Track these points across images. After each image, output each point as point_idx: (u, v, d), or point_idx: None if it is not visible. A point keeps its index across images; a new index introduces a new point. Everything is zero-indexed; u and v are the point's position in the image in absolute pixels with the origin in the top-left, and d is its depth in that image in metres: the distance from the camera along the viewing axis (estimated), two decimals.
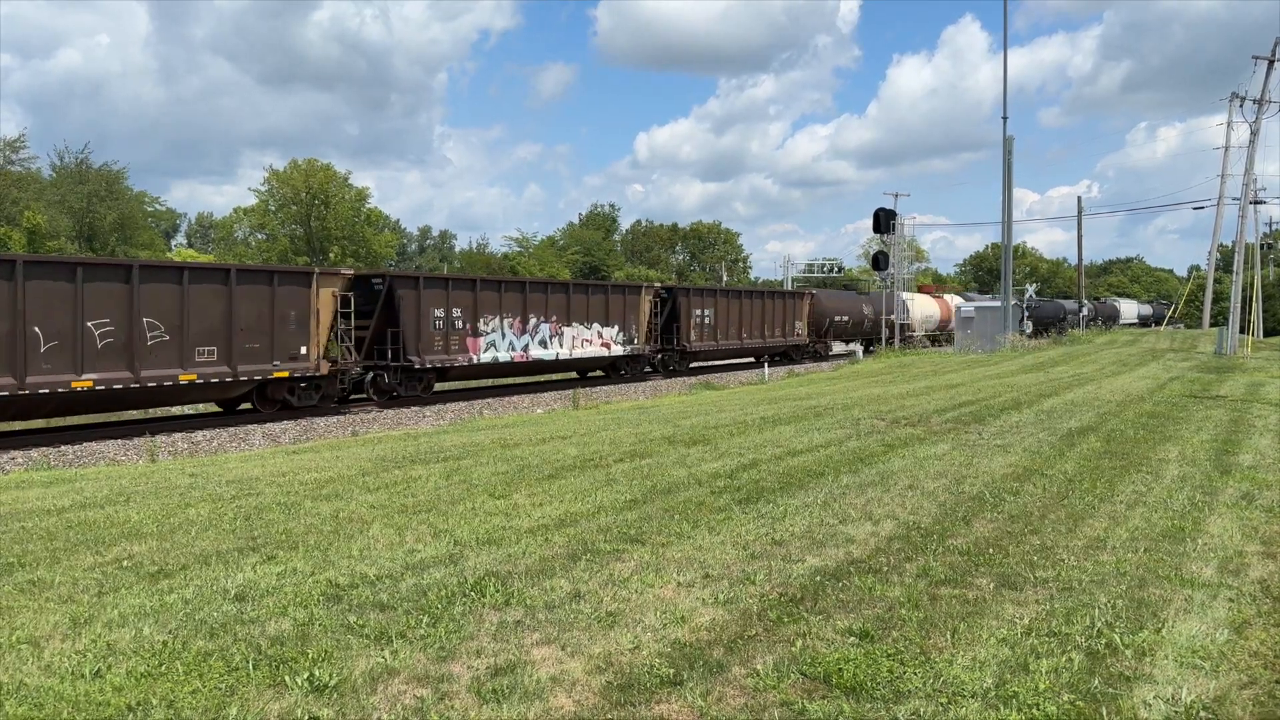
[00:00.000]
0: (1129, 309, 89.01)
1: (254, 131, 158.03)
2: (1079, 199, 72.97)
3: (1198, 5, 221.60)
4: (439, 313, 23.20)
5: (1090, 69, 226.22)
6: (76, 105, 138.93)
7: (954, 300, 58.62)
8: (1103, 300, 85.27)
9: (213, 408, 21.20)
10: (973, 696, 3.86)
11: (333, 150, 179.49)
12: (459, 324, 23.69)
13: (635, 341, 29.92)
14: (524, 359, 25.62)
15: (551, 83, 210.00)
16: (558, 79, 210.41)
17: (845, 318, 43.82)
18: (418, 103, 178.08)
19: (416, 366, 22.44)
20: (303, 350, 19.61)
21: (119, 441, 16.43)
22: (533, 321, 25.89)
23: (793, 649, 4.36)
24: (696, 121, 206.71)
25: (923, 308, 52.76)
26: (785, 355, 39.90)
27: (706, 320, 33.60)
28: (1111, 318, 76.98)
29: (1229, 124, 50.06)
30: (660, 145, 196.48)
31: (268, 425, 18.60)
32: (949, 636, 4.51)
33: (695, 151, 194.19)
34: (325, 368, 20.10)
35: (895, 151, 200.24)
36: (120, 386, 16.49)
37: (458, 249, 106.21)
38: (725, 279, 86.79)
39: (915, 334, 49.86)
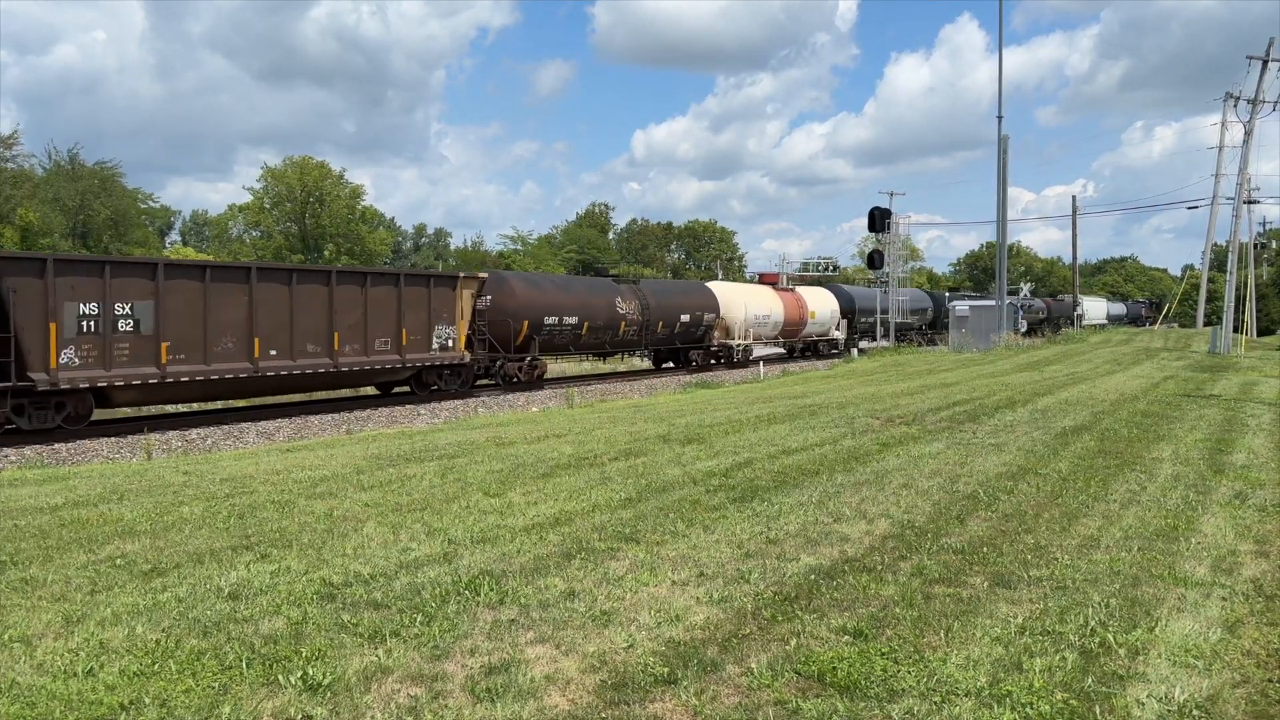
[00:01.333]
0: (1095, 308, 79.97)
1: (250, 128, 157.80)
2: (1074, 198, 72.95)
3: (1196, 4, 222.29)
4: None
5: (1088, 68, 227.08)
6: (72, 101, 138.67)
7: (817, 296, 41.60)
8: (1059, 297, 76.59)
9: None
10: (967, 695, 3.86)
11: (329, 147, 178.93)
12: None
13: None
14: None
15: (549, 80, 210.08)
16: (556, 76, 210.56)
17: (573, 319, 26.96)
18: (415, 100, 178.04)
19: None
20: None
21: (113, 439, 16.39)
22: None
23: (787, 648, 4.36)
24: (694, 119, 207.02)
25: (753, 305, 35.59)
26: (417, 382, 22.68)
27: (127, 325, 16.47)
28: (1068, 318, 66.46)
29: (1223, 123, 50.16)
30: (658, 143, 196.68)
31: (262, 424, 18.57)
32: (943, 635, 4.51)
33: (692, 149, 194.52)
34: None
35: (892, 150, 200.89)
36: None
37: (453, 247, 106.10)
38: (721, 278, 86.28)
39: (734, 342, 34.47)
